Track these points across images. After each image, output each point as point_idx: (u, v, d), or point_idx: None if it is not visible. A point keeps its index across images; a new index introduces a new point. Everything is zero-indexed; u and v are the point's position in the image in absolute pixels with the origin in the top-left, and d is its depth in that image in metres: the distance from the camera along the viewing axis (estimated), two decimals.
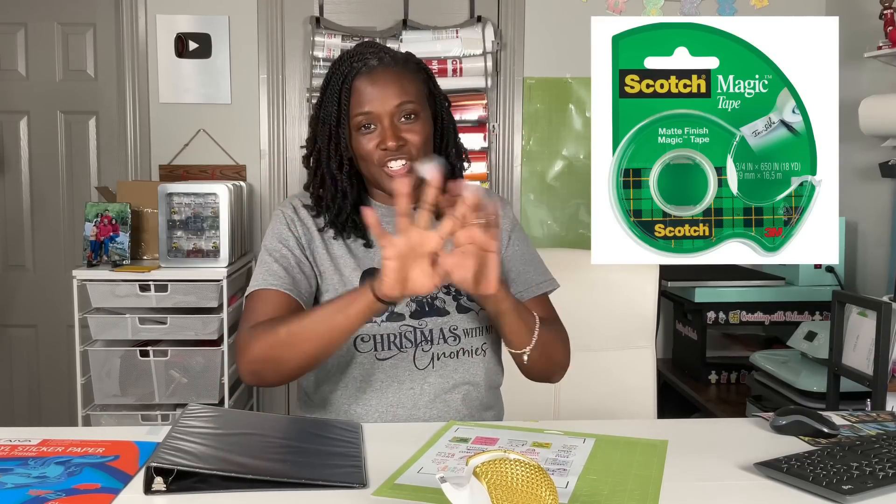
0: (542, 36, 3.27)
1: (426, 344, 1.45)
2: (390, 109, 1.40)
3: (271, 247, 1.48)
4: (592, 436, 1.29)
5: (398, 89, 1.41)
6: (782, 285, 2.97)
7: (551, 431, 1.30)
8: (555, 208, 3.35)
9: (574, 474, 1.12)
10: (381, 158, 1.41)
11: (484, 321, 1.49)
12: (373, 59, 1.43)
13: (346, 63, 1.43)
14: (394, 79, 1.42)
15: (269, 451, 1.21)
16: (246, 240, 3.14)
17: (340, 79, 1.42)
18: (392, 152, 1.40)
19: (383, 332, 1.43)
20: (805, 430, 1.33)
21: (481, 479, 0.88)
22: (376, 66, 1.42)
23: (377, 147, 1.41)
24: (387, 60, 1.43)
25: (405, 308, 1.45)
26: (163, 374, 2.76)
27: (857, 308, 1.98)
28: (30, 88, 3.43)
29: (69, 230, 3.46)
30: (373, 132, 1.41)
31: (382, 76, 1.41)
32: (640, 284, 1.93)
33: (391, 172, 1.41)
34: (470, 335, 1.47)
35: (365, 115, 1.41)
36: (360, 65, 1.42)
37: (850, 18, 3.15)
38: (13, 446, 1.25)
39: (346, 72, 1.42)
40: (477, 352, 1.49)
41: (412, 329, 1.44)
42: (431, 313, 1.46)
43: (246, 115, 3.28)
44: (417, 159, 1.41)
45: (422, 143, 1.42)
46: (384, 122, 1.41)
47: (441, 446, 1.22)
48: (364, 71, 1.41)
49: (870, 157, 2.95)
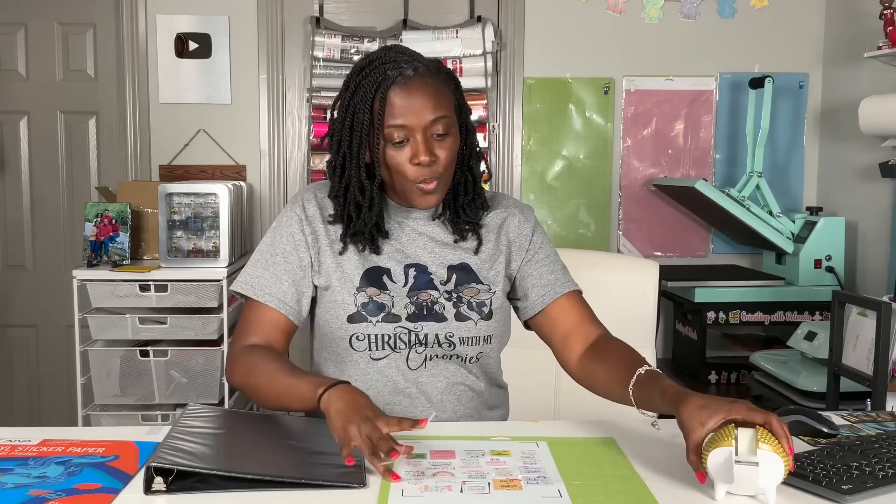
0: (542, 36, 3.27)
1: (420, 346, 1.44)
2: (425, 124, 1.37)
3: (268, 247, 1.48)
4: (542, 439, 1.30)
5: (434, 103, 1.38)
6: (782, 285, 2.98)
7: (498, 438, 1.30)
8: (555, 208, 3.35)
9: (558, 481, 1.13)
10: (416, 175, 1.39)
11: (483, 331, 1.46)
12: (408, 68, 1.38)
13: (379, 70, 1.38)
14: (430, 92, 1.38)
15: (269, 451, 1.21)
16: (246, 240, 3.14)
17: (374, 86, 1.37)
18: (424, 168, 1.38)
19: (378, 331, 1.43)
20: (805, 430, 1.33)
21: (763, 445, 1.03)
22: (412, 76, 1.37)
23: (409, 161, 1.39)
24: (422, 71, 1.38)
25: (403, 310, 1.44)
26: (163, 374, 2.76)
27: (857, 308, 1.98)
28: (30, 88, 3.43)
29: (69, 230, 3.46)
30: (405, 145, 1.38)
31: (419, 88, 1.37)
32: (640, 284, 1.92)
33: (421, 188, 1.40)
34: (465, 343, 1.46)
35: (398, 129, 1.37)
36: (394, 73, 1.37)
37: (850, 18, 3.15)
38: (13, 446, 1.25)
39: (380, 80, 1.37)
40: (471, 360, 1.48)
41: (407, 331, 1.43)
42: (429, 318, 1.44)
43: (246, 115, 3.28)
44: (445, 176, 1.42)
45: (450, 160, 1.42)
46: (417, 137, 1.37)
47: (404, 465, 1.17)
48: (400, 81, 1.37)
49: (870, 157, 2.95)
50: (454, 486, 1.10)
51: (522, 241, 1.54)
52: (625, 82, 3.30)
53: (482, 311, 1.47)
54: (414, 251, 1.49)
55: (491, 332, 1.48)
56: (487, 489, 1.10)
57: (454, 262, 1.49)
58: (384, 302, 1.44)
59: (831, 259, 2.97)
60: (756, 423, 1.07)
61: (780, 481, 1.05)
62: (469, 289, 1.47)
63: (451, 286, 1.47)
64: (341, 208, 1.46)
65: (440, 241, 1.50)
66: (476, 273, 1.49)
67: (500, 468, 1.17)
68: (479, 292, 1.48)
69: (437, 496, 1.07)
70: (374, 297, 1.44)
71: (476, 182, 1.51)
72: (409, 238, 1.49)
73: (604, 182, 3.35)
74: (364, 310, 1.43)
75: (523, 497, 1.08)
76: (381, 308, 1.43)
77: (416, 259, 1.48)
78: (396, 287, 1.45)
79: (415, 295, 1.45)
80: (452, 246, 1.50)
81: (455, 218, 1.50)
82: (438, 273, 1.47)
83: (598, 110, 3.31)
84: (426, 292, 1.45)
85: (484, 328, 1.46)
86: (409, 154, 1.38)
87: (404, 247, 1.49)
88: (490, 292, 1.48)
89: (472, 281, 1.48)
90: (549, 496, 1.08)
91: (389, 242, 1.48)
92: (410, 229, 1.50)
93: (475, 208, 1.51)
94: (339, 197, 1.45)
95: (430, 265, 1.48)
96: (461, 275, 1.48)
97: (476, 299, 1.47)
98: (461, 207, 1.50)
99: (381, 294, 1.44)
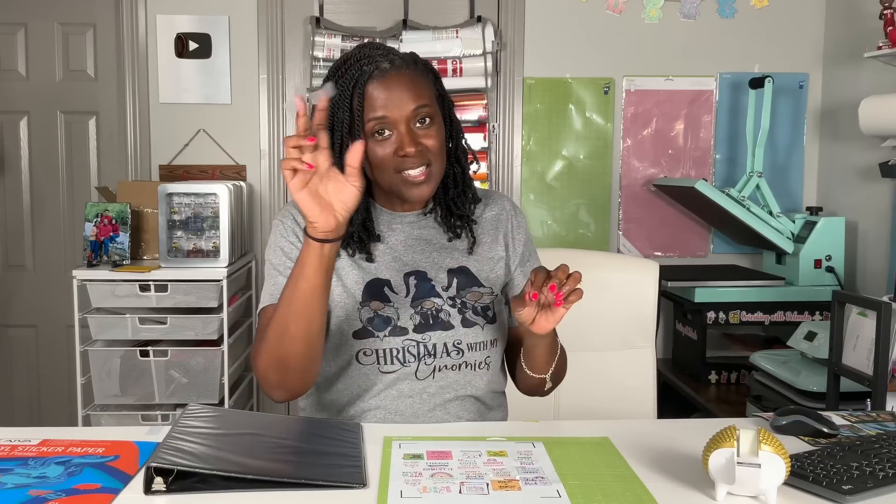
0: (542, 36, 3.27)
1: (429, 358, 1.42)
2: (407, 115, 1.35)
3: (276, 261, 1.45)
4: (538, 439, 1.30)
5: (413, 93, 1.36)
6: (782, 285, 2.98)
7: (494, 438, 1.30)
8: (555, 208, 3.35)
9: (556, 482, 1.13)
10: (399, 165, 1.36)
11: (489, 335, 1.46)
12: (383, 61, 1.36)
13: (355, 66, 1.36)
14: (408, 82, 1.36)
15: (269, 451, 1.21)
16: (246, 240, 3.13)
17: (351, 83, 1.35)
18: (411, 158, 1.36)
19: (386, 346, 1.41)
20: (805, 430, 1.33)
21: (764, 446, 1.04)
22: (388, 69, 1.35)
23: (394, 154, 1.36)
24: (398, 63, 1.37)
25: (409, 322, 1.42)
26: (163, 374, 2.76)
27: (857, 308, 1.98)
28: (30, 88, 3.43)
29: (69, 230, 3.46)
30: (388, 138, 1.36)
31: (396, 80, 1.35)
32: (640, 284, 1.92)
33: (411, 178, 1.37)
34: (474, 349, 1.44)
35: (379, 121, 1.35)
36: (370, 68, 1.35)
37: (850, 18, 3.15)
38: (13, 446, 1.25)
39: (357, 76, 1.35)
40: (480, 365, 1.46)
41: (415, 343, 1.41)
42: (436, 327, 1.42)
43: (246, 115, 3.28)
44: (436, 165, 1.39)
45: (439, 148, 1.39)
46: (401, 128, 1.35)
47: (401, 466, 1.18)
48: (377, 75, 1.35)
49: (870, 157, 2.95)
50: (453, 487, 1.10)
51: (517, 245, 1.55)
52: (625, 82, 3.30)
53: (487, 315, 1.46)
54: (410, 257, 1.47)
55: (496, 335, 1.47)
56: (486, 490, 1.10)
57: (452, 265, 1.48)
58: (389, 315, 1.41)
59: (831, 259, 2.97)
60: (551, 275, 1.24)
61: (781, 482, 1.05)
62: (472, 293, 1.46)
63: (454, 291, 1.46)
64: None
65: (435, 244, 1.49)
66: (476, 276, 1.48)
67: (498, 469, 1.17)
68: (482, 296, 1.47)
69: (436, 497, 1.07)
70: (379, 312, 1.41)
71: (465, 174, 1.50)
72: (403, 244, 1.47)
73: (604, 182, 3.35)
74: (370, 325, 1.41)
75: (522, 498, 1.08)
76: (388, 322, 1.41)
77: (414, 266, 1.46)
78: (399, 298, 1.43)
79: (419, 304, 1.43)
80: (448, 247, 1.49)
81: (446, 213, 1.49)
82: (439, 278, 1.46)
83: (598, 110, 3.31)
84: (430, 300, 1.43)
85: (490, 332, 1.46)
86: (394, 146, 1.36)
87: (399, 254, 1.47)
88: (492, 295, 1.48)
89: (474, 285, 1.47)
90: (547, 496, 1.08)
91: (383, 249, 1.46)
92: (402, 232, 1.48)
93: (465, 201, 1.49)
94: None
95: (428, 271, 1.46)
96: (462, 279, 1.47)
97: (480, 303, 1.46)
98: (451, 201, 1.48)
99: (386, 307, 1.42)
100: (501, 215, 1.55)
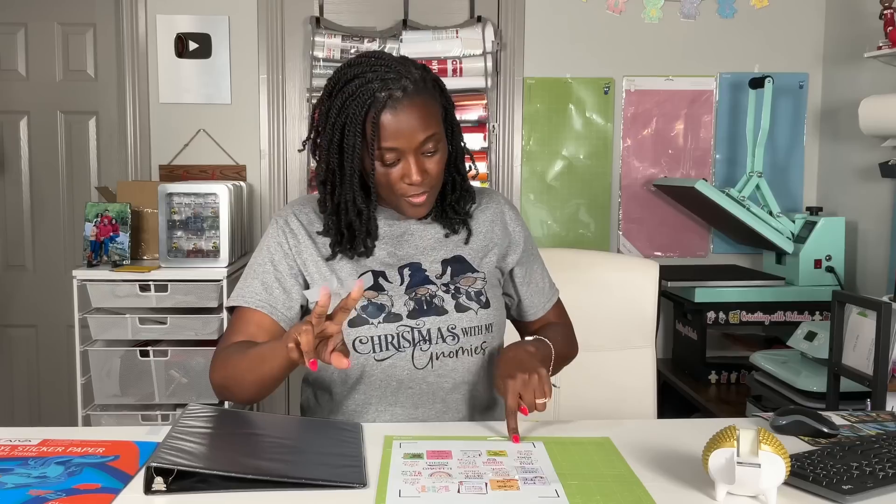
0: (542, 36, 3.27)
1: (424, 343, 1.44)
2: (416, 146, 1.38)
3: (258, 261, 1.49)
4: (538, 439, 1.30)
5: (423, 123, 1.38)
6: (782, 285, 2.98)
7: (495, 438, 1.31)
8: (555, 208, 3.35)
9: (555, 481, 1.13)
10: (405, 191, 1.41)
11: (483, 320, 1.47)
12: (396, 88, 1.36)
13: (367, 91, 1.36)
14: (419, 112, 1.37)
15: (269, 451, 1.21)
16: (246, 240, 3.14)
17: (363, 109, 1.36)
18: (415, 186, 1.40)
19: (380, 332, 1.42)
20: (805, 430, 1.33)
21: (764, 446, 1.04)
22: (401, 97, 1.36)
23: (400, 180, 1.40)
24: (410, 90, 1.37)
25: (403, 307, 1.44)
26: (163, 374, 2.76)
27: (857, 308, 1.97)
28: (30, 88, 3.43)
29: (69, 230, 3.46)
30: (395, 165, 1.40)
31: (408, 110, 1.37)
32: (640, 284, 1.92)
33: (413, 202, 1.42)
34: (469, 334, 1.46)
35: (391, 151, 1.38)
36: (384, 95, 1.36)
37: (850, 18, 3.15)
38: (13, 446, 1.25)
39: (370, 102, 1.36)
40: (476, 350, 1.48)
41: (410, 329, 1.43)
42: (430, 312, 1.44)
43: (246, 115, 3.28)
44: (435, 187, 1.44)
45: (440, 172, 1.44)
46: (409, 158, 1.38)
47: (401, 465, 1.18)
48: (390, 104, 1.36)
49: (870, 157, 2.95)
50: (451, 487, 1.10)
51: (516, 237, 1.57)
52: (625, 82, 3.30)
53: (480, 299, 1.48)
54: (406, 252, 1.49)
55: (491, 320, 1.48)
56: (485, 489, 1.10)
57: (447, 255, 1.50)
58: (383, 303, 1.44)
59: (831, 259, 2.97)
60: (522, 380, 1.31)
61: (781, 482, 1.05)
62: (465, 278, 1.48)
63: (447, 278, 1.48)
64: (335, 225, 1.45)
65: (431, 239, 1.51)
66: (469, 262, 1.50)
67: (497, 468, 1.17)
68: (474, 281, 1.49)
69: (434, 496, 1.07)
70: (373, 300, 1.43)
71: (464, 179, 1.53)
72: (400, 240, 1.50)
73: (604, 182, 3.35)
74: (364, 312, 1.43)
75: (520, 497, 1.08)
76: (381, 309, 1.43)
77: (409, 259, 1.49)
78: (393, 287, 1.45)
79: (413, 291, 1.45)
80: (444, 241, 1.52)
81: (443, 215, 1.52)
82: (433, 268, 1.48)
83: (598, 110, 3.31)
84: (424, 287, 1.46)
85: (484, 317, 1.47)
86: (401, 173, 1.40)
87: (396, 249, 1.49)
88: (484, 280, 1.50)
89: (467, 270, 1.49)
90: (546, 496, 1.08)
91: (380, 245, 1.49)
92: (399, 229, 1.51)
93: (463, 202, 1.53)
94: (332, 215, 1.45)
95: (423, 262, 1.49)
96: (455, 266, 1.49)
97: (473, 288, 1.48)
98: (449, 206, 1.51)
99: (380, 295, 1.44)
100: (495, 207, 1.58)
